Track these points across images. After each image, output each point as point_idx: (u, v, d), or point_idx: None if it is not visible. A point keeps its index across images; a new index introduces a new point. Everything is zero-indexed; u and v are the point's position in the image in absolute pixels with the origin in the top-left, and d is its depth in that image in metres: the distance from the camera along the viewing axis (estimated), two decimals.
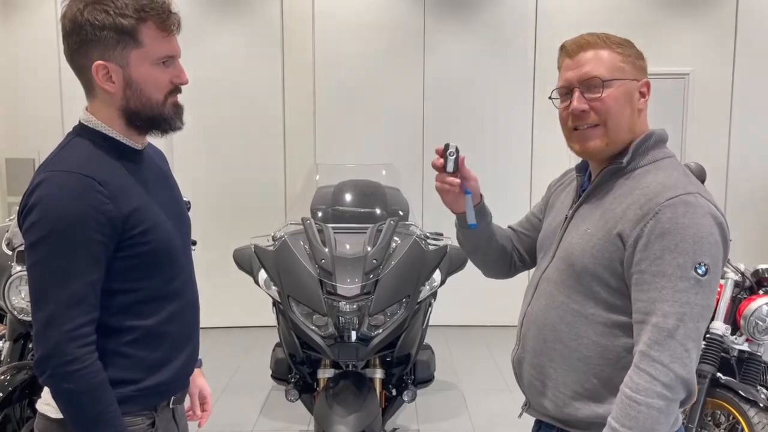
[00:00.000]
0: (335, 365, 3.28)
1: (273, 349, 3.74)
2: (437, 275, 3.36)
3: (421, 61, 5.69)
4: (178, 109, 1.55)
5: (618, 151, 1.53)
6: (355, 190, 4.05)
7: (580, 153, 1.57)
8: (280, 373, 3.60)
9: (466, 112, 5.74)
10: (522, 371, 1.65)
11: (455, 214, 1.75)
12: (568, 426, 1.56)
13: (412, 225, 3.67)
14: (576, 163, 1.69)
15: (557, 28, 5.52)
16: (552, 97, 1.60)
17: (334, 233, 3.34)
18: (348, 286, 3.04)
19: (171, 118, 1.54)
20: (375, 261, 3.12)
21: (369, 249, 3.21)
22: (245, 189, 5.77)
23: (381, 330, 3.07)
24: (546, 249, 1.67)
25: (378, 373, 3.29)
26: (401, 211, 3.84)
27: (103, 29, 1.42)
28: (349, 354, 3.06)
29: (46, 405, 1.52)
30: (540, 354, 1.58)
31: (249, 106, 5.71)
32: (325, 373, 3.27)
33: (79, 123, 1.53)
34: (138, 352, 1.51)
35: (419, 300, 3.24)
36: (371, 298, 3.06)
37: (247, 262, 3.43)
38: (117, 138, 1.52)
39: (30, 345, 3.07)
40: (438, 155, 1.66)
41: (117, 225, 1.42)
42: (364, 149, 5.64)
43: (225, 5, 5.64)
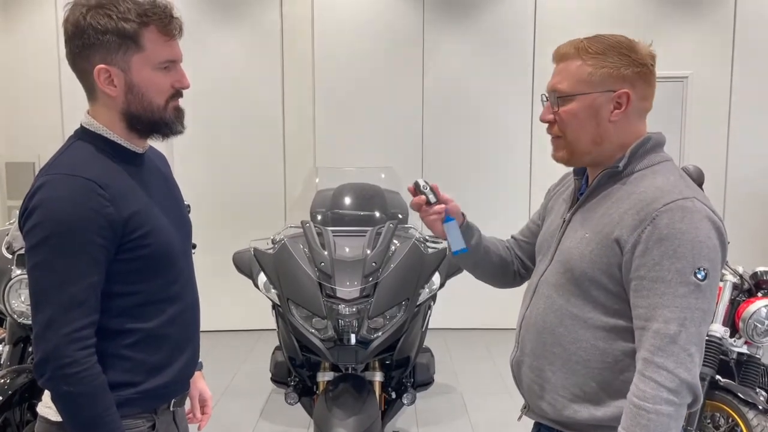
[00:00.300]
0: (335, 368, 3.28)
1: (272, 352, 3.75)
2: (436, 278, 3.36)
3: (420, 64, 5.70)
4: (179, 113, 1.56)
5: (609, 155, 1.53)
6: (355, 193, 4.05)
7: (554, 160, 1.61)
8: (279, 376, 3.60)
9: (465, 114, 5.74)
10: (521, 374, 1.65)
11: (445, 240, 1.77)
12: (567, 429, 1.56)
13: (411, 228, 3.68)
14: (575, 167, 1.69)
15: (556, 30, 5.53)
16: (542, 100, 1.61)
17: (333, 236, 3.34)
18: (347, 289, 3.04)
19: (172, 122, 1.55)
20: (374, 264, 3.13)
21: (368, 252, 3.22)
22: (245, 192, 5.77)
23: (380, 333, 3.07)
24: (544, 252, 1.67)
25: (377, 376, 3.29)
26: (400, 214, 3.84)
27: (106, 33, 1.43)
28: (349, 357, 3.06)
29: (46, 408, 1.52)
30: (539, 357, 1.58)
31: (249, 109, 5.71)
32: (325, 376, 3.27)
33: (81, 126, 1.54)
34: (138, 354, 1.52)
35: (418, 303, 3.24)
36: (370, 301, 3.06)
37: (247, 265, 3.43)
38: (118, 141, 1.52)
39: (30, 348, 3.07)
40: (412, 194, 1.71)
41: (117, 228, 1.43)
42: (363, 152, 5.64)
43: (225, 10, 5.65)
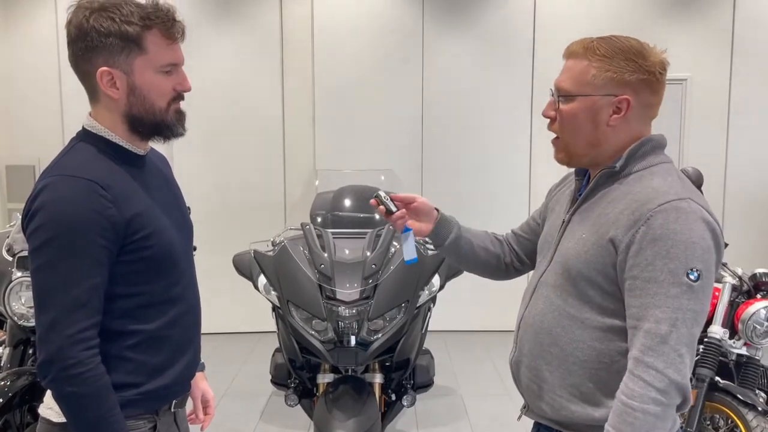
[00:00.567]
0: (335, 370, 3.28)
1: (273, 355, 3.75)
2: (436, 280, 3.37)
3: (420, 67, 5.70)
4: (180, 116, 1.57)
5: (607, 157, 1.53)
6: (355, 195, 4.06)
7: (556, 161, 1.63)
8: (279, 378, 3.61)
9: (464, 116, 5.75)
10: (520, 374, 1.66)
11: (426, 238, 1.88)
12: (565, 429, 1.56)
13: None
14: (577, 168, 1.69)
15: (555, 32, 5.54)
16: (550, 93, 1.61)
17: (333, 238, 3.35)
18: (347, 291, 3.05)
19: (173, 124, 1.56)
20: (374, 266, 3.14)
21: (368, 254, 3.23)
22: (245, 194, 5.77)
23: (380, 335, 3.08)
24: (544, 253, 1.68)
25: (377, 378, 3.29)
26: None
27: (109, 36, 1.44)
28: (349, 359, 3.07)
29: (48, 409, 1.53)
30: (536, 357, 1.59)
31: (249, 111, 5.71)
32: (325, 378, 3.28)
33: (83, 128, 1.55)
34: (140, 356, 1.52)
35: (418, 305, 3.25)
36: (370, 302, 3.07)
37: (247, 267, 3.44)
38: (120, 143, 1.53)
39: (30, 351, 3.07)
40: (375, 206, 1.83)
41: (120, 229, 1.44)
42: (363, 154, 5.64)
43: (225, 12, 5.65)
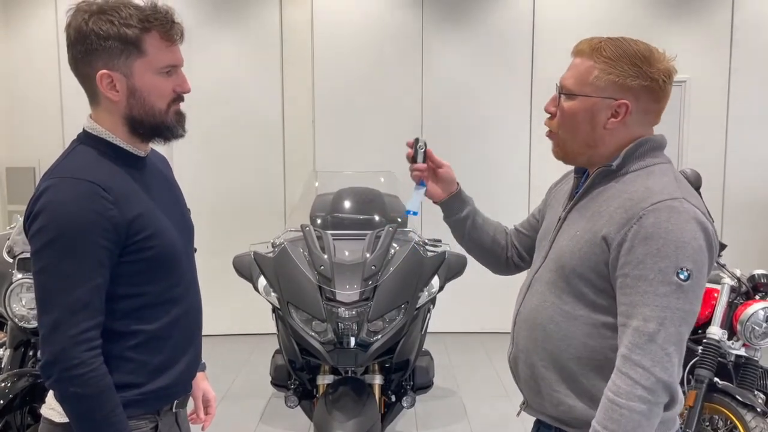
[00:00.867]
0: (334, 371, 3.29)
1: (273, 356, 3.76)
2: (435, 281, 3.37)
3: (420, 68, 5.72)
4: (180, 117, 1.58)
5: (604, 158, 1.54)
6: (354, 197, 4.06)
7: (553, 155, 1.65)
8: (279, 380, 3.61)
9: (464, 117, 5.76)
10: (518, 369, 1.66)
11: (435, 203, 1.92)
12: (564, 425, 1.57)
13: (410, 231, 3.69)
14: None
15: (554, 33, 5.57)
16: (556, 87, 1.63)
17: (333, 240, 3.36)
18: (347, 292, 3.06)
19: (173, 126, 1.57)
20: (374, 267, 3.14)
21: (368, 255, 3.23)
22: (245, 196, 5.78)
23: (380, 336, 3.08)
24: (541, 249, 1.69)
25: (377, 379, 3.30)
26: (400, 218, 3.86)
27: (108, 39, 1.45)
28: (348, 360, 3.07)
29: (50, 409, 1.54)
30: (532, 353, 1.60)
31: (249, 113, 5.72)
32: (325, 379, 3.28)
33: (84, 130, 1.56)
34: (141, 356, 1.53)
35: (418, 306, 3.25)
36: (370, 304, 3.07)
37: (247, 268, 3.44)
38: (120, 145, 1.54)
39: (30, 352, 3.08)
40: (409, 146, 1.83)
41: (121, 230, 1.45)
42: (363, 156, 5.65)
43: (225, 14, 5.67)
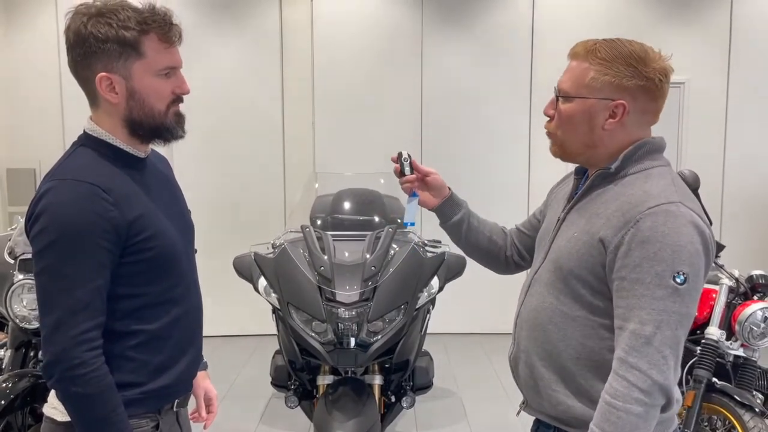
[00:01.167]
0: (334, 372, 3.30)
1: (273, 356, 3.76)
2: (435, 282, 3.38)
3: (419, 69, 5.73)
4: (179, 119, 1.59)
5: (604, 159, 1.55)
6: (354, 198, 4.08)
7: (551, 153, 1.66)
8: (279, 380, 3.62)
9: (464, 118, 5.77)
10: (518, 369, 1.68)
11: (430, 210, 1.92)
12: (563, 424, 1.58)
13: (410, 232, 3.70)
14: (576, 166, 1.71)
15: (554, 34, 5.57)
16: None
17: (333, 240, 3.37)
18: (347, 293, 3.07)
19: (173, 127, 1.58)
20: (373, 268, 3.15)
21: (368, 256, 3.24)
22: (245, 197, 5.79)
23: (380, 336, 3.09)
24: (540, 250, 1.70)
25: (377, 380, 3.30)
26: (399, 219, 3.87)
27: (107, 42, 1.46)
28: (348, 360, 3.08)
29: (52, 408, 1.55)
30: (531, 353, 1.61)
31: (249, 114, 5.73)
32: (325, 380, 3.29)
33: (84, 132, 1.57)
34: (142, 355, 1.54)
35: (417, 306, 3.26)
36: (370, 304, 3.08)
37: (247, 269, 3.45)
38: (120, 147, 1.55)
39: (31, 353, 3.09)
40: (394, 162, 1.88)
41: (122, 231, 1.46)
42: (362, 158, 5.65)
43: (225, 15, 5.68)
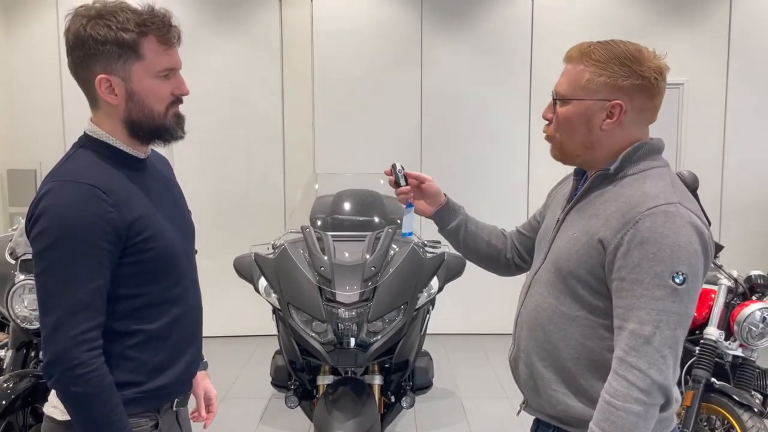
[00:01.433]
0: (334, 372, 3.31)
1: (273, 357, 3.77)
2: (435, 282, 3.39)
3: (419, 71, 5.74)
4: (179, 120, 1.60)
5: (603, 160, 1.56)
6: (354, 198, 4.08)
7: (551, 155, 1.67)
8: (280, 380, 3.63)
9: (463, 120, 5.78)
10: (518, 369, 1.69)
11: (427, 218, 1.98)
12: (563, 424, 1.59)
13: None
14: (576, 167, 1.71)
15: (553, 36, 5.59)
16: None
17: (333, 241, 3.37)
18: (347, 293, 3.08)
19: (172, 128, 1.58)
20: (373, 268, 3.16)
21: (367, 256, 3.24)
22: (245, 198, 5.80)
23: (379, 336, 3.10)
24: (540, 250, 1.71)
25: (377, 380, 3.31)
26: (399, 220, 3.87)
27: (106, 44, 1.46)
28: (348, 360, 3.09)
29: (52, 408, 1.56)
30: (532, 353, 1.62)
31: (249, 115, 5.74)
32: (325, 380, 3.30)
33: (84, 134, 1.58)
34: (141, 355, 1.55)
35: (417, 307, 3.27)
36: (370, 305, 3.09)
37: (248, 269, 3.46)
38: (120, 148, 1.56)
39: (32, 353, 3.10)
40: (388, 174, 1.93)
41: (121, 232, 1.46)
42: (362, 158, 5.66)
43: (225, 16, 5.69)
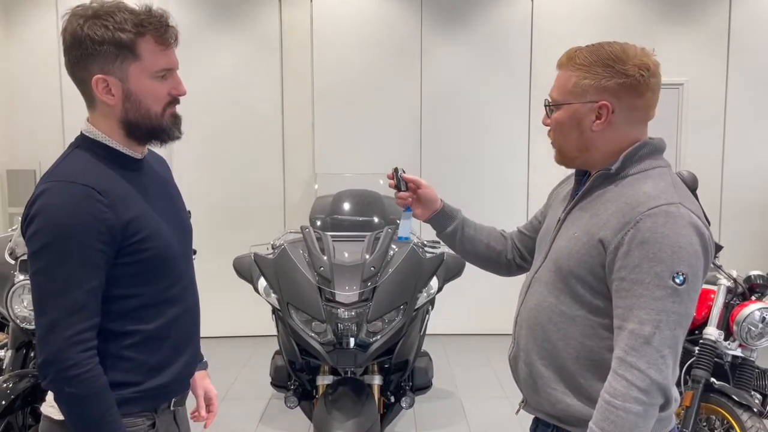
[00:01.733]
0: (334, 372, 3.31)
1: (272, 357, 3.78)
2: (434, 282, 3.39)
3: (419, 71, 5.73)
4: (176, 120, 1.60)
5: (600, 160, 1.56)
6: (354, 199, 4.09)
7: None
8: (279, 380, 3.64)
9: (463, 120, 5.77)
10: (518, 368, 1.69)
11: (426, 222, 1.98)
12: (562, 423, 1.59)
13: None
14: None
15: (553, 36, 5.58)
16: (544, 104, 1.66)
17: (332, 241, 3.38)
18: (346, 293, 3.08)
19: (169, 128, 1.58)
20: (373, 268, 3.16)
21: (367, 257, 3.25)
22: (245, 198, 5.80)
23: (379, 336, 3.10)
24: (540, 250, 1.71)
25: (376, 380, 3.31)
26: (398, 220, 3.87)
27: (103, 44, 1.46)
28: (348, 360, 3.09)
29: (50, 407, 1.55)
30: (531, 352, 1.62)
31: (248, 116, 5.74)
32: (324, 380, 3.30)
33: (81, 134, 1.57)
34: (138, 355, 1.55)
35: (416, 307, 3.27)
36: (369, 305, 3.09)
37: (247, 270, 3.47)
38: (117, 148, 1.56)
39: (32, 353, 3.10)
40: (390, 178, 1.94)
41: (116, 233, 1.46)
42: (362, 159, 5.66)
43: (224, 16, 5.69)
